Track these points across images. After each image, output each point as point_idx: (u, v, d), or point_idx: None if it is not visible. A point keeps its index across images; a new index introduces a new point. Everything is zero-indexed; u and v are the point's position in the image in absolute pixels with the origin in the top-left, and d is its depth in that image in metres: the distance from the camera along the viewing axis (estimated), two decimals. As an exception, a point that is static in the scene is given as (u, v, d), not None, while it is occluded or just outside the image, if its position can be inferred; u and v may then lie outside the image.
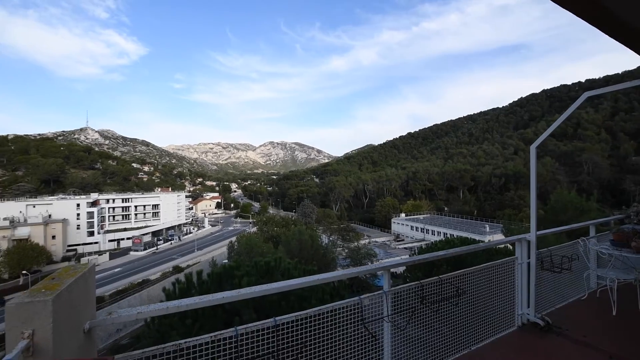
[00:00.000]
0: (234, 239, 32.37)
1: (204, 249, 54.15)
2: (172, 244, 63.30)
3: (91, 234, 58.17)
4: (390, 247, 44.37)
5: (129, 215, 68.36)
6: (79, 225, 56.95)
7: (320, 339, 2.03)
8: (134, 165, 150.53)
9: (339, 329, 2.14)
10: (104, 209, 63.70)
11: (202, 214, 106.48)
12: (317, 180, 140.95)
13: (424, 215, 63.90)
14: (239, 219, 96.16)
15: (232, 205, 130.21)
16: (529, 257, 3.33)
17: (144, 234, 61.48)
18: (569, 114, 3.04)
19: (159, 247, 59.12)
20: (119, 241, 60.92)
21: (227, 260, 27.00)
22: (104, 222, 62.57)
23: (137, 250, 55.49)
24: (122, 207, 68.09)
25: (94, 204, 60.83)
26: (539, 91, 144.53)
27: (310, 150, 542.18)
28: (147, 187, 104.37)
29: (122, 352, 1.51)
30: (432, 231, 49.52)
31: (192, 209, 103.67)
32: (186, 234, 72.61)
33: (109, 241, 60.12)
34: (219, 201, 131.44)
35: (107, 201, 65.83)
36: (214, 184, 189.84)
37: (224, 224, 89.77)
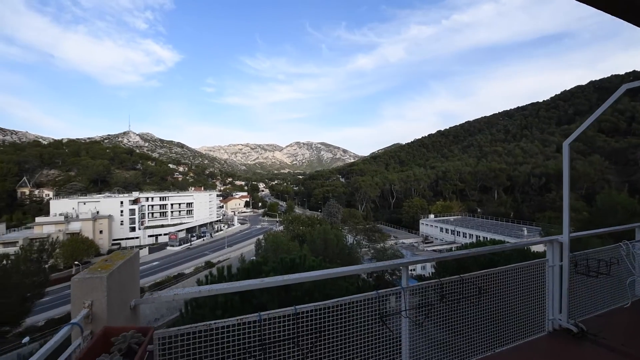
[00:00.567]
0: (261, 236, 33.36)
1: (233, 246, 56.34)
2: (204, 240, 66.52)
3: (133, 229, 62.91)
4: (418, 249, 43.10)
5: (165, 212, 72.95)
6: (122, 221, 61.86)
7: (338, 329, 2.13)
8: (170, 165, 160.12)
9: (356, 321, 2.23)
10: (144, 206, 68.53)
11: (232, 212, 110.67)
12: (342, 180, 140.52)
13: (455, 216, 61.27)
14: (266, 218, 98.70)
15: (259, 204, 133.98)
16: (561, 260, 3.17)
17: (179, 231, 65.28)
18: (605, 108, 2.86)
19: (192, 243, 62.43)
20: (157, 237, 65.22)
21: (254, 256, 27.89)
22: (144, 219, 67.32)
23: (173, 245, 59.05)
24: (160, 205, 72.81)
25: (135, 201, 65.71)
26: (585, 83, 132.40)
27: (336, 150, 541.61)
28: (182, 187, 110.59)
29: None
30: (464, 233, 47.35)
31: (222, 207, 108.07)
32: (217, 231, 75.92)
33: (148, 236, 64.59)
34: (248, 200, 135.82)
35: (147, 199, 70.75)
36: (243, 183, 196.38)
37: (252, 222, 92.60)
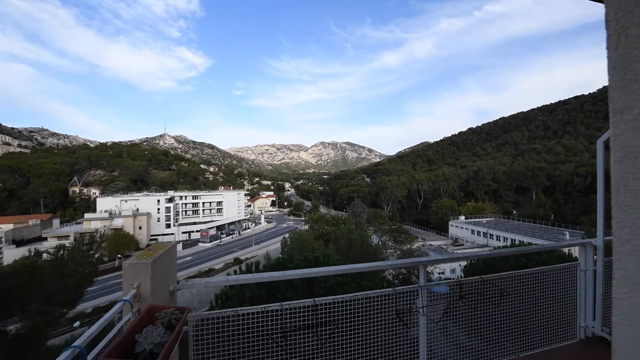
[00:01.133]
0: (287, 235, 34.02)
1: (260, 244, 57.94)
2: (233, 237, 69.07)
3: (168, 226, 66.93)
4: (447, 252, 41.51)
5: (197, 210, 76.76)
6: (159, 218, 66.04)
7: (355, 322, 2.23)
8: (202, 166, 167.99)
9: (373, 316, 2.31)
10: (178, 204, 72.61)
11: (259, 211, 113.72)
12: (368, 179, 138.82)
13: (488, 218, 58.18)
14: (291, 217, 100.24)
15: (285, 203, 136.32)
16: (595, 265, 3.01)
17: (209, 228, 68.39)
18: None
19: (222, 240, 65.10)
20: (189, 233, 68.84)
21: (280, 254, 28.53)
22: (178, 216, 71.32)
23: (204, 242, 61.99)
24: (192, 204, 76.74)
25: (170, 200, 69.85)
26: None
27: (361, 149, 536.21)
28: (212, 186, 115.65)
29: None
30: (497, 236, 44.82)
31: (250, 206, 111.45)
32: (245, 229, 78.49)
33: (182, 233, 68.36)
34: (274, 199, 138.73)
35: (181, 198, 74.90)
36: (269, 183, 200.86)
37: (278, 221, 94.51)
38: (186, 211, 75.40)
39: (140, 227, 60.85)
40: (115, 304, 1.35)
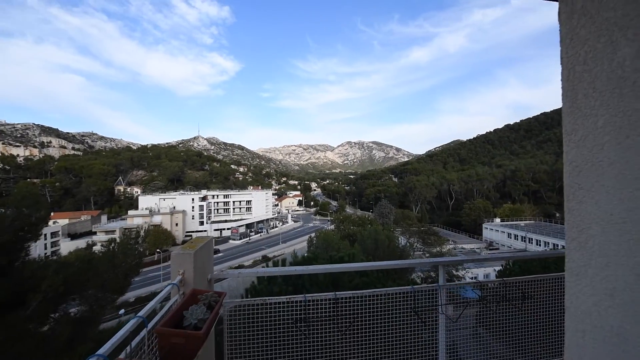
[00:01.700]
0: (313, 234, 34.46)
1: (287, 242, 59.15)
2: (261, 235, 71.17)
3: (201, 223, 70.62)
4: (480, 256, 39.49)
5: (228, 209, 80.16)
6: (193, 215, 69.92)
7: (373, 316, 2.36)
8: (232, 166, 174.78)
9: (391, 311, 2.42)
10: (210, 203, 76.32)
11: (286, 210, 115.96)
12: (395, 179, 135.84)
13: (526, 221, 54.44)
14: (317, 217, 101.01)
15: (312, 203, 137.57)
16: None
17: (239, 226, 71.07)
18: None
19: (251, 238, 67.36)
20: (221, 231, 72.06)
21: (306, 253, 28.93)
22: (210, 214, 74.99)
23: (234, 239, 64.58)
24: (223, 202, 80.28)
25: (204, 199, 73.61)
26: None
27: (388, 148, 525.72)
28: (242, 186, 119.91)
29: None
30: (537, 241, 41.82)
31: (277, 205, 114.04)
32: (272, 228, 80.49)
33: (214, 230, 71.73)
34: (301, 199, 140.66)
35: (213, 197, 78.65)
36: (296, 183, 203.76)
37: (305, 220, 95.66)
38: (218, 209, 79.02)
39: (176, 224, 64.84)
40: (166, 286, 1.62)
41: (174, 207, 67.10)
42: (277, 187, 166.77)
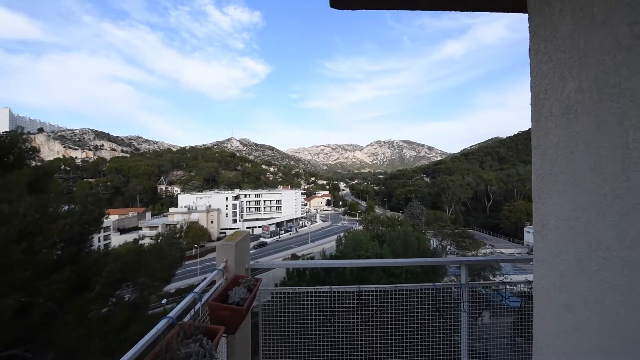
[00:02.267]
0: (342, 234, 34.56)
1: (316, 242, 59.82)
2: (290, 234, 72.68)
3: (234, 221, 73.83)
4: (505, 256, 36.85)
5: (259, 208, 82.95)
6: (227, 213, 73.35)
7: (395, 309, 2.50)
8: (263, 166, 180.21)
9: (412, 306, 2.55)
10: (243, 202, 79.50)
11: (315, 210, 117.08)
12: (427, 179, 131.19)
13: (575, 225, 49.58)
14: (346, 217, 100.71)
15: (340, 203, 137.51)
16: None
17: (270, 224, 73.18)
18: None
19: (281, 236, 69.08)
20: (252, 228, 74.78)
21: (335, 252, 29.15)
22: (243, 212, 78.13)
23: (265, 237, 66.67)
24: (255, 201, 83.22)
25: (236, 198, 76.88)
26: None
27: (419, 147, 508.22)
28: (272, 185, 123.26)
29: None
30: (588, 246, 37.91)
31: (306, 205, 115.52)
32: (301, 227, 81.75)
33: (246, 228, 74.64)
34: (329, 199, 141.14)
35: (245, 196, 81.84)
36: (325, 182, 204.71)
37: (333, 220, 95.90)
38: (249, 208, 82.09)
39: (212, 222, 68.44)
40: (214, 271, 1.92)
41: (210, 205, 70.87)
42: (305, 187, 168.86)
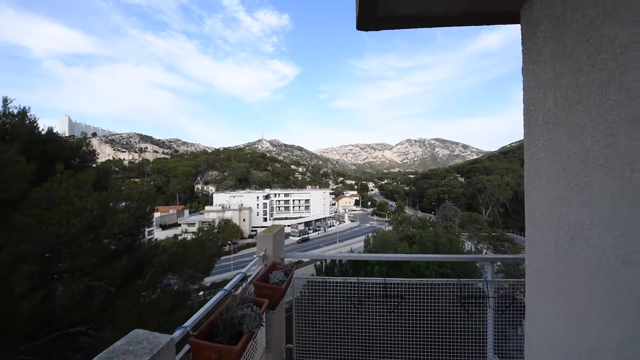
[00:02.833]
0: (370, 234, 34.27)
1: (344, 241, 59.81)
2: (318, 234, 73.37)
3: (265, 219, 76.14)
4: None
5: (288, 207, 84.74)
6: (257, 212, 75.89)
7: (419, 302, 2.63)
8: (292, 167, 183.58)
9: (437, 300, 2.66)
10: (273, 201, 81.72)
11: (343, 209, 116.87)
12: (461, 179, 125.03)
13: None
14: (375, 217, 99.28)
15: (369, 203, 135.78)
16: None
17: (299, 223, 74.47)
18: None
19: (309, 235, 70.00)
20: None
21: (362, 251, 28.99)
22: (273, 211, 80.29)
23: (294, 236, 67.98)
24: (284, 201, 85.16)
25: (267, 197, 79.25)
26: None
27: (453, 146, 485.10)
28: (301, 185, 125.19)
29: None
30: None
31: (334, 205, 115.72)
32: (330, 227, 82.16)
33: (276, 227, 76.63)
34: (357, 199, 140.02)
35: (275, 195, 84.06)
36: (353, 182, 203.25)
37: (361, 220, 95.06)
38: (279, 207, 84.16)
39: (244, 220, 71.24)
40: (255, 257, 2.22)
41: (242, 204, 73.81)
42: (334, 187, 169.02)
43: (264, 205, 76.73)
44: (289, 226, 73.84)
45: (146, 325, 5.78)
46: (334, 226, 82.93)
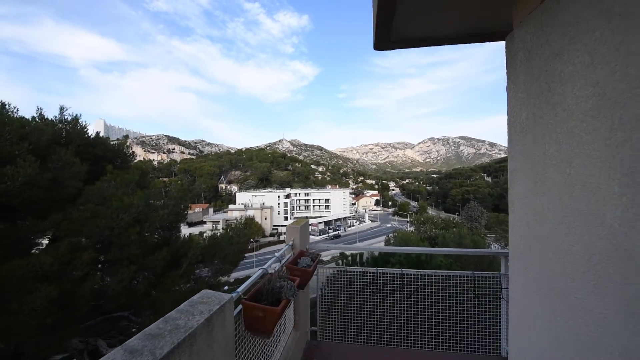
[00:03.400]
0: (391, 234, 33.94)
1: (364, 241, 59.54)
2: (339, 233, 73.46)
3: (286, 218, 77.42)
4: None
5: (309, 206, 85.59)
6: (278, 211, 77.32)
7: (434, 293, 2.84)
8: (312, 166, 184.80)
9: (451, 291, 2.86)
10: (293, 200, 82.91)
11: (363, 209, 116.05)
12: (488, 179, 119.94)
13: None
14: (396, 217, 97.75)
15: (389, 203, 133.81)
16: None
17: (319, 222, 75.01)
18: None
19: (329, 234, 70.31)
20: (302, 226, 77.52)
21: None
22: (293, 210, 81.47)
23: (314, 235, 68.57)
24: (304, 200, 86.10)
25: (287, 196, 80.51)
26: None
27: (479, 144, 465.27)
28: (321, 184, 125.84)
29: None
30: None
31: (354, 204, 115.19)
32: (349, 227, 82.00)
33: (296, 226, 77.65)
34: (378, 199, 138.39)
35: (295, 194, 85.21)
36: (373, 182, 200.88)
37: (382, 220, 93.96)
38: (299, 206, 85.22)
39: (265, 218, 72.89)
40: (285, 246, 2.54)
41: (263, 203, 75.54)
42: (354, 187, 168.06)
43: (285, 204, 78.04)
44: (309, 225, 74.63)
45: (182, 311, 6.35)
46: (354, 226, 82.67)
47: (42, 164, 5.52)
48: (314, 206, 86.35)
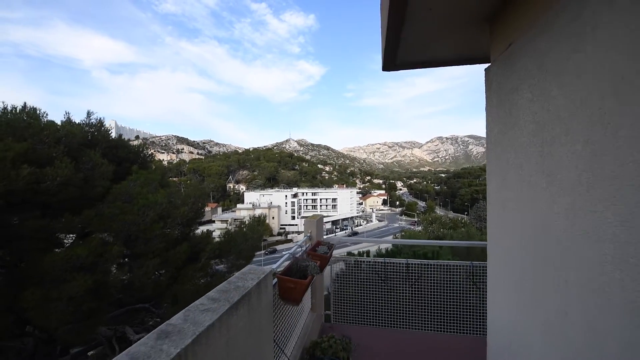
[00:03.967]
0: (398, 234, 34.07)
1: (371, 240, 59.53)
2: (346, 233, 73.66)
3: (293, 217, 78.03)
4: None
5: (316, 205, 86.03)
6: (286, 210, 77.98)
7: (436, 280, 3.16)
8: (319, 166, 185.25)
9: (451, 279, 3.17)
10: (300, 200, 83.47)
11: (370, 209, 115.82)
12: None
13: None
14: (403, 217, 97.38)
15: (397, 202, 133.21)
16: None
17: (326, 222, 75.34)
18: None
19: (336, 234, 70.58)
20: (309, 226, 77.91)
21: (391, 247, 28.95)
22: (300, 210, 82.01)
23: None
24: (312, 199, 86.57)
25: (294, 196, 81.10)
26: None
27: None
28: (328, 184, 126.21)
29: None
30: None
31: (361, 204, 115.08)
32: (356, 226, 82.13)
33: (304, 224, 78.11)
34: (385, 198, 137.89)
35: (302, 194, 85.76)
36: (381, 181, 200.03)
37: (389, 220, 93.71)
38: (307, 206, 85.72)
39: (273, 217, 73.61)
40: (304, 237, 2.90)
41: (271, 202, 76.31)
42: (361, 186, 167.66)
43: (292, 203, 78.65)
44: (316, 224, 74.99)
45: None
46: (361, 225, 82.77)
47: (75, 165, 6.02)
48: (321, 206, 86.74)
